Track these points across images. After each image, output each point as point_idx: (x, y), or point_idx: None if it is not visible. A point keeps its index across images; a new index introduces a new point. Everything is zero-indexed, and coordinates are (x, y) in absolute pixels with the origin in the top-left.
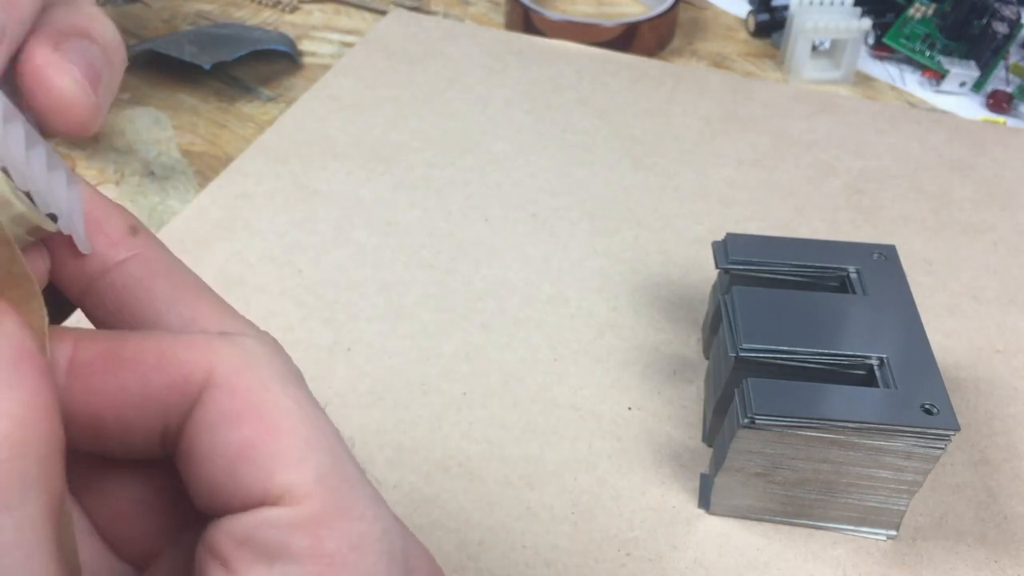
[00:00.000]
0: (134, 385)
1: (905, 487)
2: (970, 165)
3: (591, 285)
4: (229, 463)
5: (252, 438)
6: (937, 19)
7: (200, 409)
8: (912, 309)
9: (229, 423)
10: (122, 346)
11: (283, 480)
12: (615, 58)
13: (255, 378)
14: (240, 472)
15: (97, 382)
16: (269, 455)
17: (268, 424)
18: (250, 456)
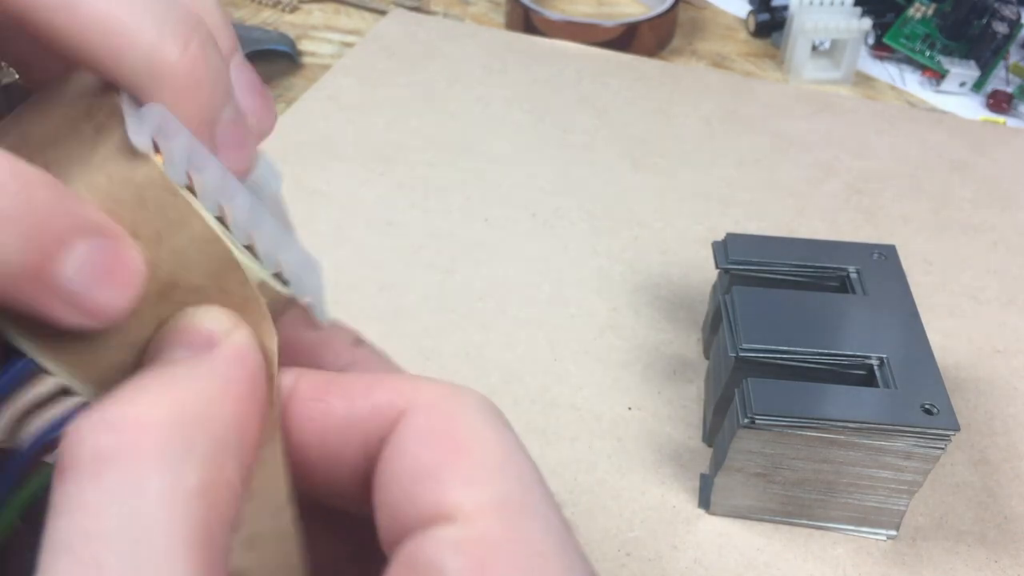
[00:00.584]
0: (340, 409)
1: (905, 487)
2: (970, 165)
3: (591, 285)
4: (412, 481)
5: (439, 456)
6: (937, 19)
7: (397, 430)
8: (912, 309)
9: (420, 443)
10: (337, 377)
11: (456, 497)
12: (615, 58)
13: (455, 405)
14: (419, 491)
15: (310, 408)
16: (450, 472)
17: (457, 444)
18: (433, 474)
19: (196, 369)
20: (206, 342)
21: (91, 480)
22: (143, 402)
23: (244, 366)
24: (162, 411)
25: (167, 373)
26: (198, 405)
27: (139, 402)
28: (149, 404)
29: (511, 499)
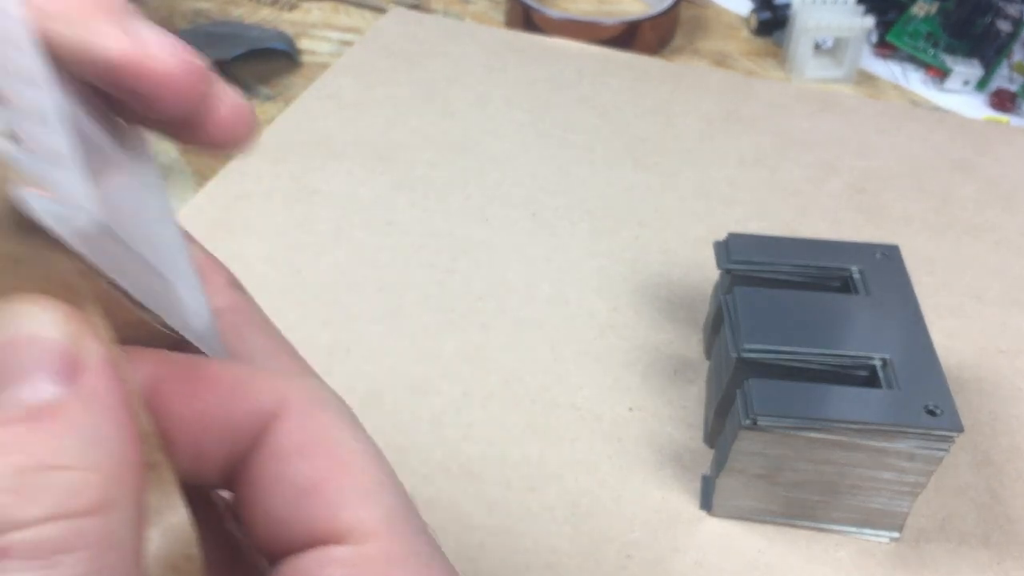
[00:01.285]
0: (209, 407)
1: (908, 488)
2: (973, 164)
3: (591, 285)
4: (296, 496)
5: (322, 471)
6: (940, 17)
7: (270, 438)
8: (915, 309)
9: (299, 454)
10: (201, 369)
11: (351, 517)
12: (616, 57)
13: (327, 415)
14: (307, 506)
15: (175, 402)
16: (337, 490)
17: (339, 460)
18: (318, 490)
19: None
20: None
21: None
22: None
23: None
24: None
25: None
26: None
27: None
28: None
29: (396, 514)
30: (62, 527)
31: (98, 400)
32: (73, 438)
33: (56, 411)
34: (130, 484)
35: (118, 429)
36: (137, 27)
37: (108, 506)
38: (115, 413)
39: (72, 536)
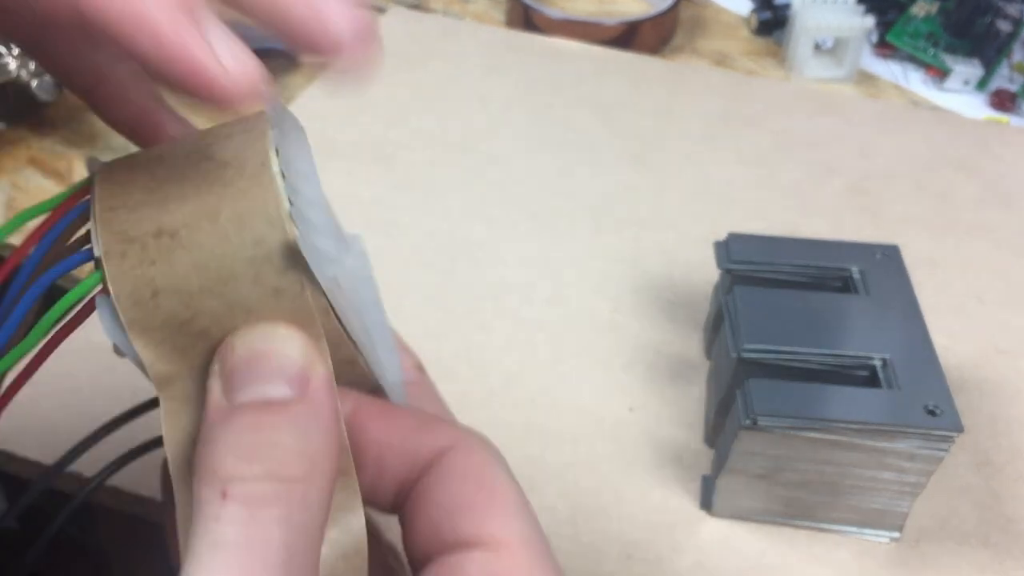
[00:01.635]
0: (396, 436)
1: (908, 489)
2: (973, 164)
3: (591, 285)
4: (452, 509)
5: (475, 493)
6: (940, 17)
7: (438, 466)
8: (915, 309)
9: (460, 479)
10: (393, 409)
11: (492, 529)
12: (616, 56)
13: (487, 454)
14: (460, 518)
15: (370, 429)
16: (485, 508)
17: (489, 486)
18: (470, 507)
19: (308, 417)
20: (300, 378)
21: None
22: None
23: (333, 405)
24: (302, 468)
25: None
26: (317, 462)
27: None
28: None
29: (532, 537)
30: (269, 486)
31: (316, 407)
32: (294, 427)
33: (286, 407)
34: (326, 472)
35: (326, 432)
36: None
37: (306, 481)
38: (326, 419)
39: (275, 494)
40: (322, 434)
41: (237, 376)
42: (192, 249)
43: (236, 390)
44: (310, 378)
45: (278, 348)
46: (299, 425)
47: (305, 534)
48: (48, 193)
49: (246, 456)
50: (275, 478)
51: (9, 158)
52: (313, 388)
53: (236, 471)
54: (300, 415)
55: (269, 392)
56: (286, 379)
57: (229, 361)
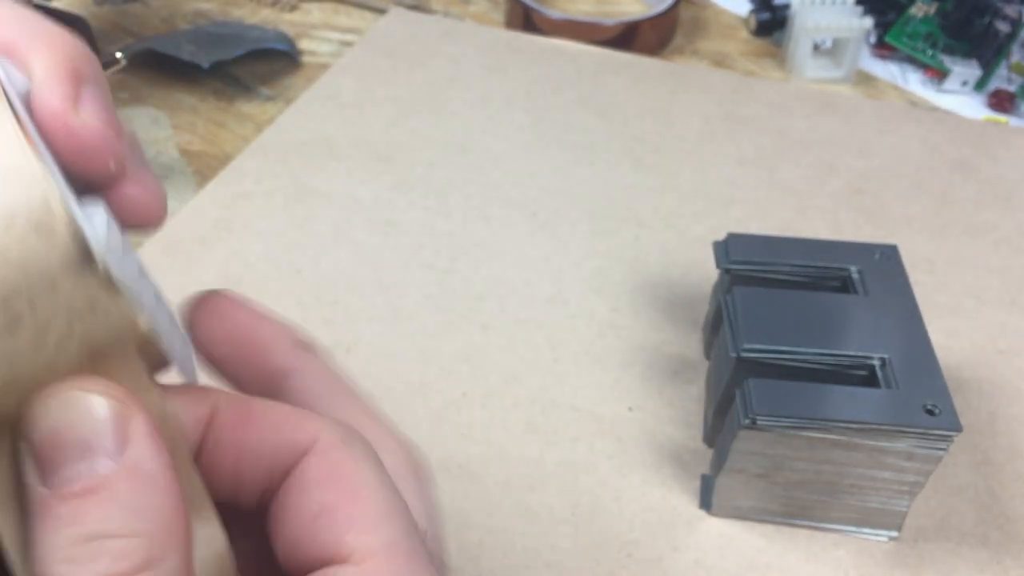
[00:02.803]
0: (253, 440)
1: (907, 488)
2: (972, 165)
3: (591, 285)
4: (310, 521)
5: (334, 500)
6: (939, 18)
7: (296, 471)
8: (914, 309)
9: (317, 485)
10: (252, 405)
11: (353, 541)
12: (615, 57)
13: (348, 452)
14: (317, 530)
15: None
16: (345, 517)
17: (350, 490)
18: (329, 516)
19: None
20: (115, 442)
21: None
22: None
23: (159, 455)
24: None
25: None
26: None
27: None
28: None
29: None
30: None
31: (141, 471)
32: (119, 509)
33: (104, 486)
34: (173, 540)
35: (159, 495)
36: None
37: (152, 564)
38: (156, 481)
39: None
40: (156, 498)
41: (46, 458)
42: None
43: (50, 474)
44: (127, 436)
45: (83, 413)
46: (125, 503)
47: None
48: None
49: (74, 559)
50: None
51: None
52: (133, 448)
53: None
54: (124, 490)
55: (86, 471)
56: (100, 448)
57: (34, 441)
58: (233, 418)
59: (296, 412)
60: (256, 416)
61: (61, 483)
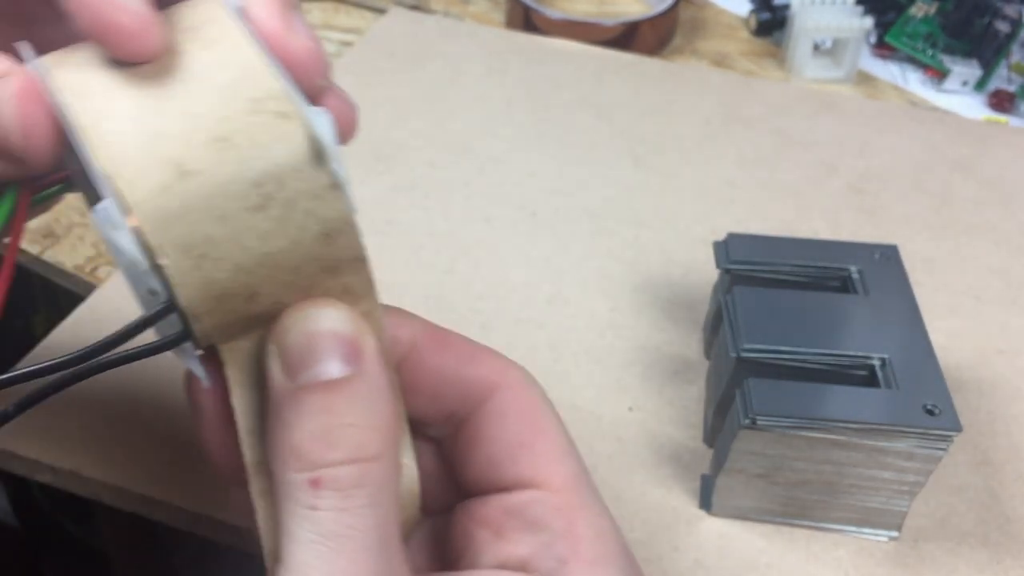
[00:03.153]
0: (451, 369)
1: (907, 488)
2: (972, 165)
3: (591, 285)
4: (511, 447)
5: (532, 434)
6: (939, 18)
7: (492, 401)
8: (914, 309)
9: (516, 417)
10: (449, 337)
11: (550, 471)
12: (616, 57)
13: (535, 393)
14: (519, 456)
15: (427, 360)
16: (543, 449)
17: (543, 427)
18: (529, 446)
19: (370, 391)
20: (354, 353)
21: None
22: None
23: (386, 373)
24: (377, 447)
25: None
26: (387, 438)
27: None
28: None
29: (580, 477)
30: (355, 468)
31: (373, 380)
32: (360, 404)
33: (349, 384)
34: (394, 441)
35: (387, 402)
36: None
37: (383, 456)
38: (384, 390)
39: (361, 475)
40: (385, 404)
41: (295, 357)
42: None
43: (297, 371)
44: (362, 351)
45: (329, 327)
46: (365, 401)
47: (389, 509)
48: None
49: (329, 441)
50: (358, 460)
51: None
52: (367, 361)
53: (323, 458)
54: (362, 391)
55: (329, 371)
56: (341, 356)
57: (285, 342)
58: (432, 345)
59: (485, 348)
60: (453, 346)
61: (308, 379)
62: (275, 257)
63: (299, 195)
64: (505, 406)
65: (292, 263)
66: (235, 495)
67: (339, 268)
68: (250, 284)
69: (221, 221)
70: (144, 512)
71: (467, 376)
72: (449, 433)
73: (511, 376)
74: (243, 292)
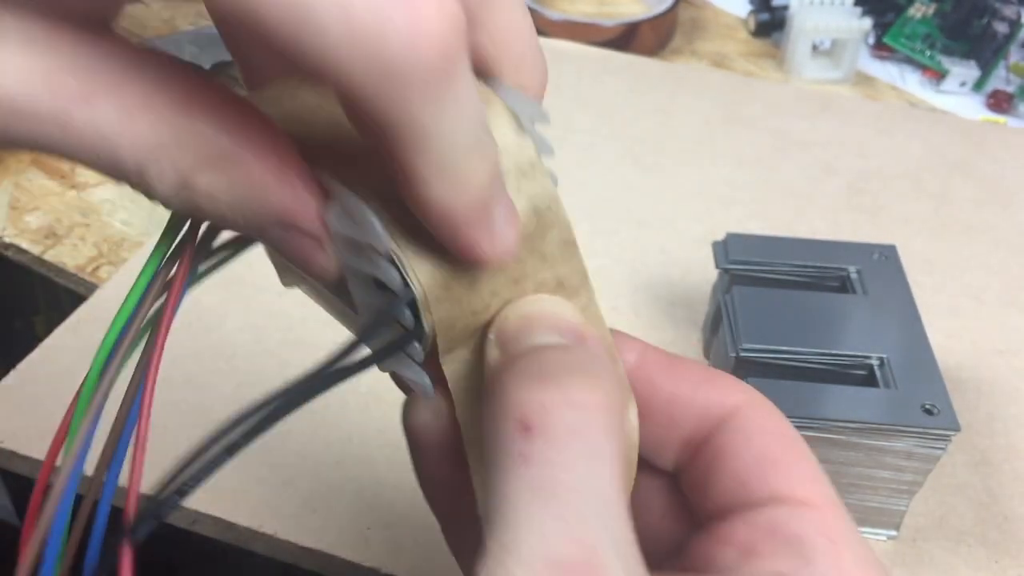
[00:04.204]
0: (685, 391)
1: (906, 487)
2: (971, 165)
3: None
4: (759, 463)
5: (781, 451)
6: (937, 19)
7: (735, 420)
8: (913, 309)
9: (762, 434)
10: (678, 360)
11: (806, 490)
12: (615, 58)
13: (775, 412)
14: (770, 472)
15: (658, 382)
16: (795, 467)
17: (792, 446)
18: (780, 463)
19: (591, 357)
20: (576, 333)
21: (563, 445)
22: (587, 387)
23: (610, 355)
24: (599, 395)
25: (576, 363)
26: (610, 392)
27: (585, 387)
28: (590, 389)
29: (838, 499)
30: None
31: (596, 353)
32: (579, 361)
33: (566, 348)
34: (620, 400)
35: (611, 370)
36: None
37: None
38: (608, 363)
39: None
40: (608, 368)
41: (512, 337)
42: None
43: (512, 345)
44: (585, 335)
45: (550, 309)
46: (584, 360)
47: (625, 464)
48: (49, 193)
49: (541, 384)
50: (576, 406)
51: (13, 159)
52: (589, 341)
53: (536, 400)
54: (582, 353)
55: (546, 340)
56: (559, 331)
57: (504, 329)
58: (663, 367)
59: (719, 372)
60: (682, 369)
61: (524, 346)
62: None
63: (508, 161)
64: (749, 424)
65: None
66: (451, 530)
67: (549, 255)
68: (470, 272)
69: None
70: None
71: (704, 398)
72: (685, 461)
73: (752, 397)
74: (465, 279)
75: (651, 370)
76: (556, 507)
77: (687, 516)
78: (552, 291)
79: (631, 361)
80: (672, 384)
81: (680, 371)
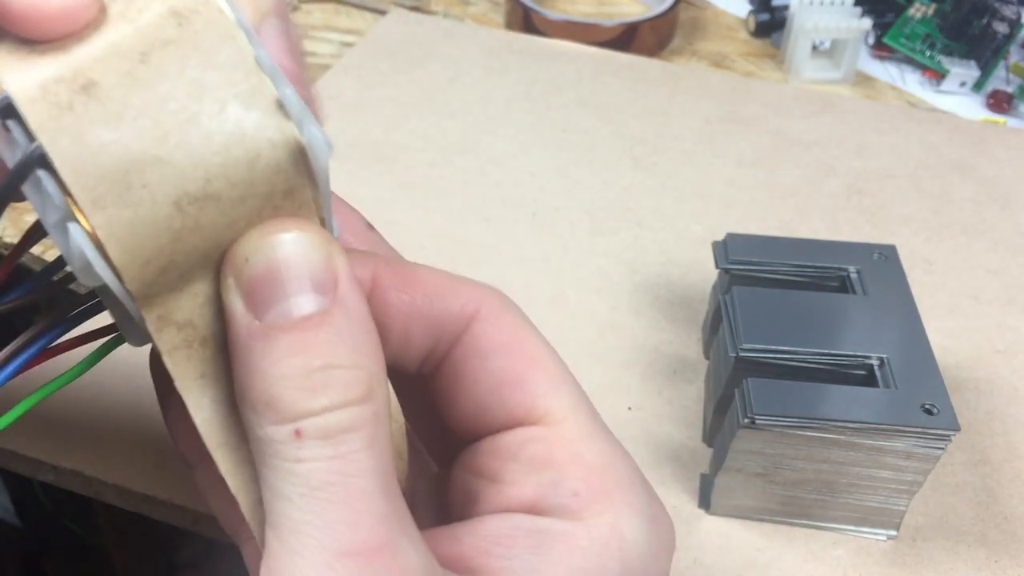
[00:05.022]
0: (420, 303)
1: (905, 487)
2: (970, 165)
3: (591, 285)
4: (497, 386)
5: (518, 367)
6: (937, 19)
7: (469, 337)
8: (912, 309)
9: (497, 352)
10: (413, 271)
11: (545, 404)
12: (615, 58)
13: (515, 318)
14: (507, 394)
15: (392, 296)
16: (533, 382)
17: (530, 357)
18: (516, 382)
19: (349, 324)
20: (328, 281)
21: (336, 442)
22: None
23: (363, 298)
24: (362, 389)
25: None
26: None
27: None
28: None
29: (579, 406)
30: (344, 414)
31: (351, 309)
32: (342, 342)
33: (324, 318)
34: (382, 373)
35: (369, 333)
36: None
37: (372, 395)
38: (366, 320)
39: (352, 420)
40: (367, 335)
41: (259, 291)
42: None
43: (264, 308)
44: (337, 277)
45: (297, 252)
46: (346, 336)
47: (384, 449)
48: None
49: (309, 388)
50: (344, 405)
51: None
52: (342, 288)
53: (304, 407)
54: (342, 324)
55: (302, 306)
56: (314, 286)
57: (245, 274)
58: (396, 282)
59: (455, 278)
60: (419, 281)
61: (278, 316)
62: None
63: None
64: (483, 340)
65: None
66: (200, 476)
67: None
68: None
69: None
70: (146, 511)
71: (438, 311)
72: (428, 377)
73: (486, 305)
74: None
75: (384, 284)
76: (338, 500)
77: (446, 433)
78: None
79: (365, 277)
80: (405, 296)
81: (414, 282)
